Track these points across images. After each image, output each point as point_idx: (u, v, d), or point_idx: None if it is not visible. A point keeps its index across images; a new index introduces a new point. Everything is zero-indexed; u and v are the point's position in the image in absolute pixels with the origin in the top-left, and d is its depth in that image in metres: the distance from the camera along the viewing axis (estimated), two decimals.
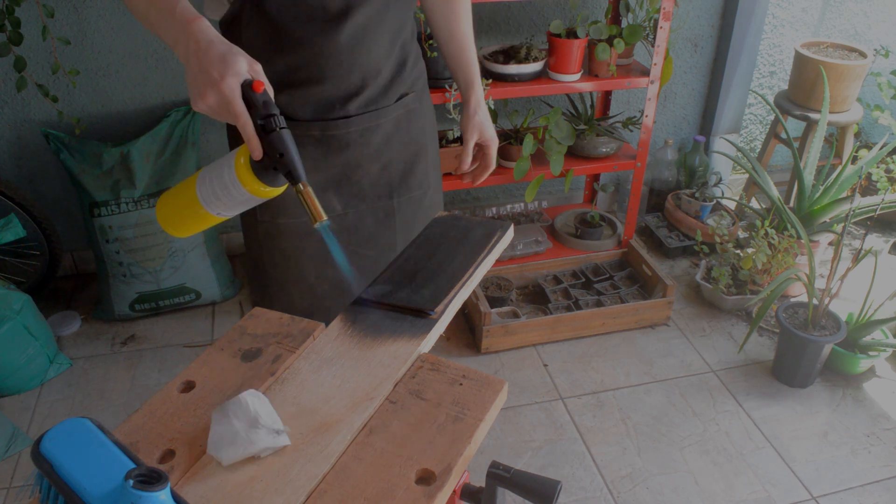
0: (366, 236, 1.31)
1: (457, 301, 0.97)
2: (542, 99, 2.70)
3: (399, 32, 1.20)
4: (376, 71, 1.18)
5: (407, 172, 1.31)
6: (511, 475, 0.86)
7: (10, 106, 2.32)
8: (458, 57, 1.33)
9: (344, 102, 1.18)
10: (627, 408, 2.13)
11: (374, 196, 1.29)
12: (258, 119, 0.84)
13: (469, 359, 2.31)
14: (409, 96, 1.27)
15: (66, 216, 2.54)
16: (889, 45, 3.03)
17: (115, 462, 0.65)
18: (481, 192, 2.93)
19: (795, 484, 1.90)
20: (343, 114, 1.18)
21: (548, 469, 1.93)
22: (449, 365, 0.87)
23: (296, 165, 0.85)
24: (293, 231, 1.26)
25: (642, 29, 2.28)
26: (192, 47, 0.87)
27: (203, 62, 0.85)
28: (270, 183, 0.88)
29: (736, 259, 2.55)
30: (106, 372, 2.25)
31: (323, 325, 0.95)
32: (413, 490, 0.71)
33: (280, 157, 0.84)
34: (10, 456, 1.94)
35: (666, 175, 2.91)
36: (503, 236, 1.10)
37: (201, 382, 0.87)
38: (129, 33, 2.29)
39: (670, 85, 2.88)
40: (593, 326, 2.39)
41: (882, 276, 2.53)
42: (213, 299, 2.51)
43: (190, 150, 2.33)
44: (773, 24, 2.87)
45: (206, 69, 0.84)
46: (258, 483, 0.73)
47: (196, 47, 0.86)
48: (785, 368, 2.20)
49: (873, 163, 2.52)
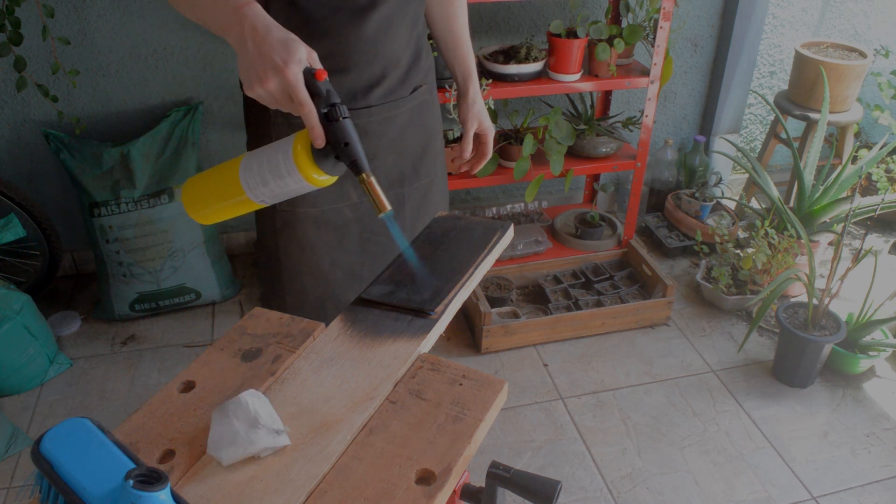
0: (378, 223, 1.34)
1: (457, 301, 0.97)
2: (542, 99, 2.70)
3: (415, 24, 1.24)
4: (396, 61, 1.22)
5: (417, 162, 1.35)
6: (511, 475, 0.86)
7: (10, 106, 2.32)
8: (455, 50, 1.37)
9: (366, 92, 1.21)
10: (627, 408, 2.13)
11: (387, 184, 1.32)
12: (322, 107, 0.84)
13: (469, 359, 2.31)
14: (422, 88, 1.31)
15: (66, 216, 2.54)
16: (889, 45, 3.03)
17: (115, 462, 0.65)
18: (481, 192, 2.93)
19: (795, 484, 1.90)
20: (365, 104, 1.22)
21: (548, 469, 1.93)
22: (449, 365, 0.87)
23: (360, 155, 0.85)
24: (311, 219, 1.29)
25: (642, 29, 2.28)
26: (249, 32, 0.85)
27: (263, 47, 0.84)
28: (329, 171, 0.87)
29: (736, 259, 2.55)
30: (106, 372, 2.25)
31: (323, 325, 0.95)
32: (413, 490, 0.71)
33: (345, 147, 0.84)
34: (10, 456, 1.94)
35: (666, 175, 2.91)
36: (503, 236, 1.10)
37: (201, 382, 0.87)
38: (129, 33, 2.29)
39: (670, 85, 2.88)
40: (593, 326, 2.39)
41: (882, 276, 2.53)
42: (213, 299, 2.51)
43: (190, 150, 2.33)
44: (773, 24, 2.87)
45: (268, 54, 0.83)
46: (258, 483, 0.73)
47: (253, 32, 0.85)
48: (785, 368, 2.20)
49: (873, 163, 2.52)
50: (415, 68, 1.27)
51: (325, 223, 1.30)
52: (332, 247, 1.33)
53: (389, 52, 1.19)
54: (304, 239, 1.31)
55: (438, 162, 1.42)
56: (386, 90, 1.23)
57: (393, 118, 1.26)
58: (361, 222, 1.33)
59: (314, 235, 1.31)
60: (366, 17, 1.13)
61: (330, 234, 1.31)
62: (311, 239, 1.31)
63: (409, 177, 1.35)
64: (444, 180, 1.47)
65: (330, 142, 0.84)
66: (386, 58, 1.20)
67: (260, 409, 0.76)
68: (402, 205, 1.36)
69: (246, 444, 0.74)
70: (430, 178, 1.40)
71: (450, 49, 1.37)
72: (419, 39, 1.27)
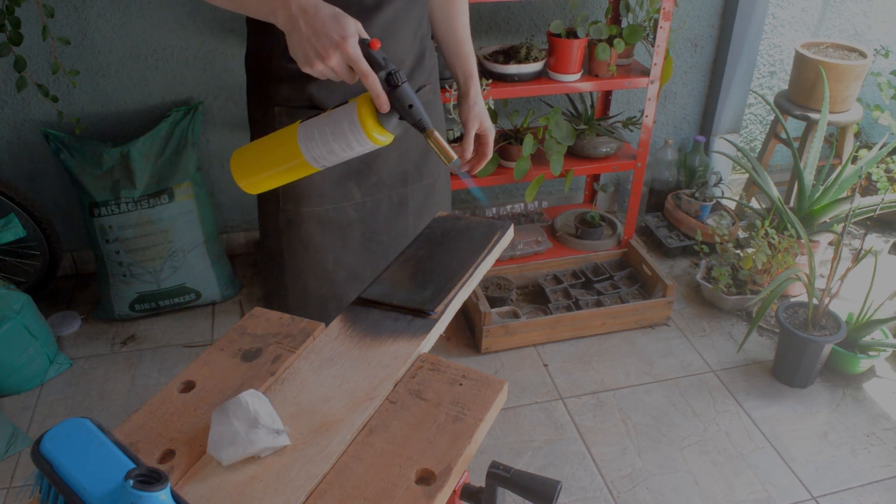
0: (381, 223, 1.35)
1: (457, 301, 0.97)
2: (542, 99, 2.70)
3: (420, 25, 1.25)
4: (401, 62, 1.23)
5: (420, 161, 1.36)
6: (511, 475, 0.86)
7: (10, 106, 2.32)
8: (457, 50, 1.38)
9: None
10: (627, 408, 2.13)
11: (391, 184, 1.33)
12: (382, 74, 0.91)
13: (469, 359, 2.31)
14: (426, 88, 1.32)
15: (66, 216, 2.54)
16: (889, 45, 3.03)
17: (115, 462, 0.65)
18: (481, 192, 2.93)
19: (795, 484, 1.90)
20: None
21: (548, 469, 1.93)
22: (449, 365, 0.87)
23: (423, 115, 0.94)
24: (315, 219, 1.30)
25: (642, 29, 2.28)
26: (298, 12, 0.90)
27: (316, 25, 0.88)
28: (392, 131, 0.96)
29: (736, 259, 2.55)
30: (106, 372, 2.25)
31: (323, 325, 0.95)
32: (413, 490, 0.71)
33: (410, 108, 0.93)
34: (10, 456, 1.94)
35: (666, 175, 2.91)
36: (503, 236, 1.10)
37: (201, 382, 0.87)
38: (129, 33, 2.29)
39: (670, 85, 2.88)
40: (593, 326, 2.39)
41: (882, 276, 2.53)
42: (213, 299, 2.51)
43: (190, 150, 2.33)
44: (773, 24, 2.87)
45: (324, 31, 0.88)
46: (258, 483, 0.73)
47: (303, 12, 0.89)
48: (785, 368, 2.20)
49: (873, 163, 2.52)
50: (419, 68, 1.28)
51: (328, 223, 1.31)
52: (336, 246, 1.33)
53: (394, 52, 1.20)
54: (308, 238, 1.32)
55: (441, 162, 1.42)
56: None
57: None
58: (364, 222, 1.33)
59: (318, 235, 1.31)
60: (371, 17, 1.14)
61: (334, 233, 1.32)
62: (314, 238, 1.32)
63: (413, 176, 1.36)
64: (447, 180, 1.48)
65: (394, 106, 0.92)
66: (391, 58, 1.20)
67: (260, 409, 0.76)
68: (405, 204, 1.37)
69: (246, 444, 0.74)
70: (433, 177, 1.41)
71: (451, 49, 1.38)
72: (423, 40, 1.28)
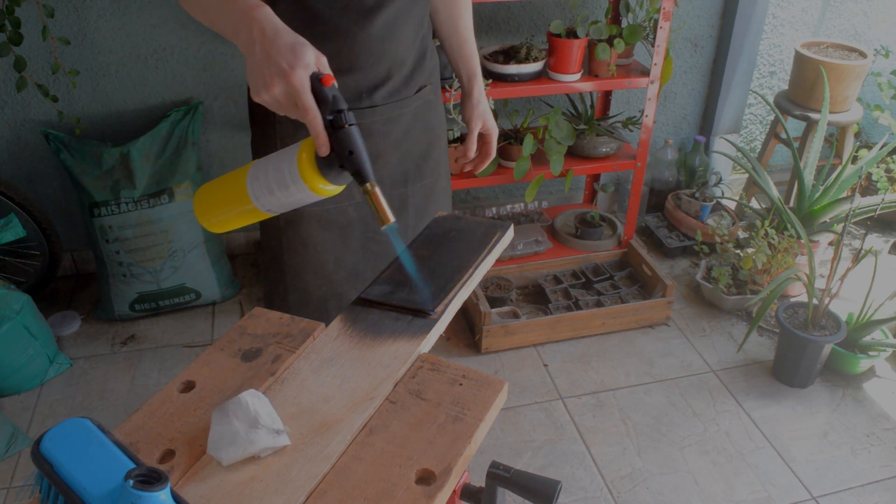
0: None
1: (457, 301, 0.97)
2: (542, 99, 2.70)
3: (421, 25, 1.24)
4: (401, 62, 1.22)
5: (421, 161, 1.36)
6: (511, 475, 0.86)
7: (10, 106, 2.32)
8: (460, 50, 1.38)
9: (371, 92, 1.21)
10: (627, 408, 2.13)
11: (391, 184, 1.32)
12: (327, 114, 0.81)
13: (469, 359, 2.31)
14: (427, 88, 1.32)
15: (66, 216, 2.54)
16: (889, 45, 3.03)
17: (115, 462, 0.65)
18: (481, 192, 2.93)
19: (795, 484, 1.90)
20: (369, 103, 1.22)
21: (548, 469, 1.93)
22: (449, 365, 0.87)
23: (365, 164, 0.82)
24: (315, 219, 1.29)
25: (642, 29, 2.28)
26: (257, 35, 0.84)
27: (270, 51, 0.82)
28: (333, 181, 0.84)
29: (736, 259, 2.55)
30: (106, 372, 2.25)
31: (323, 325, 0.95)
32: (413, 490, 0.71)
33: (349, 155, 0.81)
34: (10, 456, 1.94)
35: (666, 175, 2.91)
36: (503, 236, 1.10)
37: (201, 382, 0.87)
38: (129, 33, 2.29)
39: (670, 85, 2.88)
40: (593, 326, 2.39)
41: (882, 276, 2.53)
42: (213, 299, 2.51)
43: (190, 150, 2.33)
44: (773, 24, 2.87)
45: (274, 59, 0.82)
46: (258, 483, 0.73)
47: (261, 36, 0.84)
48: (785, 368, 2.20)
49: (873, 163, 2.52)
50: (420, 68, 1.28)
51: (329, 222, 1.31)
52: (336, 246, 1.33)
53: (395, 52, 1.20)
54: (308, 238, 1.31)
55: (442, 162, 1.43)
56: (391, 90, 1.23)
57: (397, 118, 1.27)
58: (365, 222, 1.33)
59: (318, 234, 1.31)
60: (372, 17, 1.14)
61: (334, 233, 1.32)
62: (314, 238, 1.31)
63: (413, 176, 1.36)
64: (448, 180, 1.48)
65: (335, 150, 0.81)
66: (391, 58, 1.20)
67: (260, 409, 0.76)
68: (406, 204, 1.37)
69: (246, 444, 0.74)
70: (434, 177, 1.41)
71: (454, 49, 1.38)
72: (424, 40, 1.28)
